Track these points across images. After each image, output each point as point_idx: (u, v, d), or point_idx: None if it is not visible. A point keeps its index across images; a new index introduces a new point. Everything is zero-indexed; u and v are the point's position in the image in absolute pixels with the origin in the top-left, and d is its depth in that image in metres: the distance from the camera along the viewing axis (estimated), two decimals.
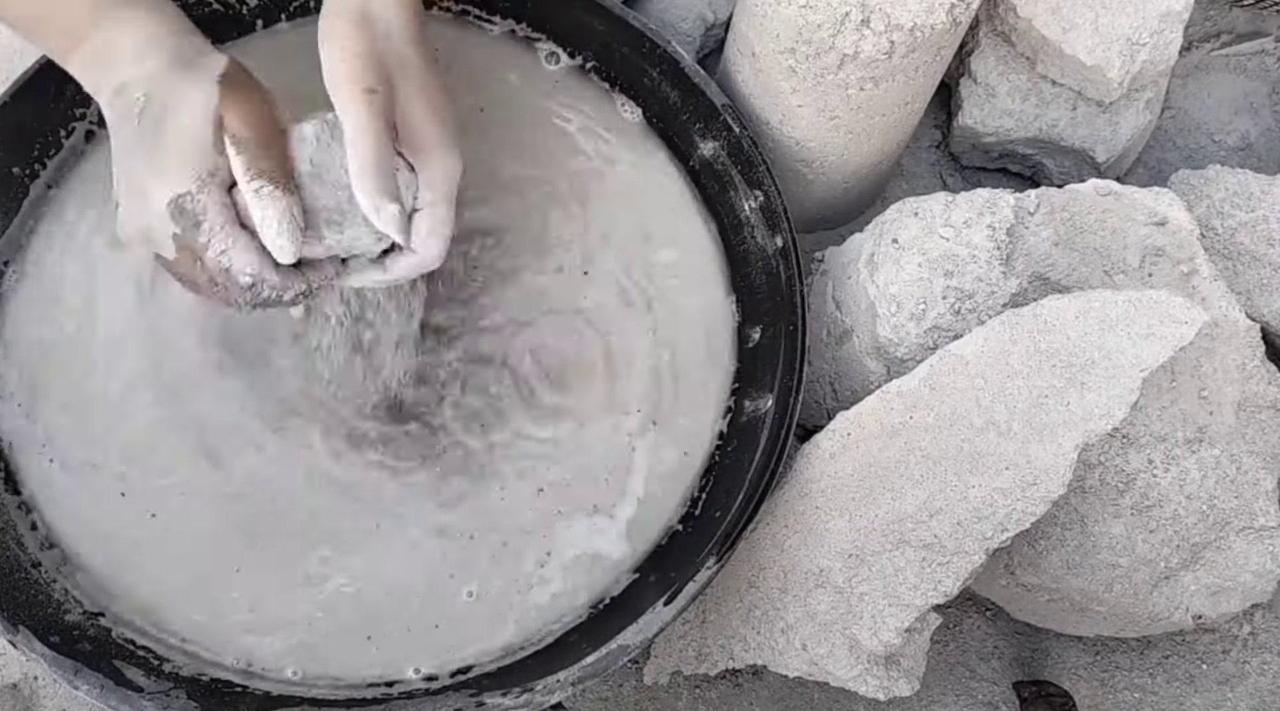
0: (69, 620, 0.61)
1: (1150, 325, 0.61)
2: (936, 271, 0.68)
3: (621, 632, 0.61)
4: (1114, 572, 0.68)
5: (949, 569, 0.62)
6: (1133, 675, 0.80)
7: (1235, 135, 0.94)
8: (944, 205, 0.70)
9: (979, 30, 0.83)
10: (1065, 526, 0.68)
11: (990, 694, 0.79)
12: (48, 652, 0.58)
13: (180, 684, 0.60)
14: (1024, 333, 0.63)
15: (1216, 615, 0.70)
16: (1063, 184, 0.78)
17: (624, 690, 0.78)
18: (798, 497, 0.66)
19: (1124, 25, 0.76)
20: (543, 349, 0.69)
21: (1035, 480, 0.60)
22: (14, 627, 0.58)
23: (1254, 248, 0.76)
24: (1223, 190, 0.78)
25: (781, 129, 0.75)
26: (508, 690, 0.60)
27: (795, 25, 0.66)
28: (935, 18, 0.64)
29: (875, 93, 0.69)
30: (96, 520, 0.64)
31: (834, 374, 0.76)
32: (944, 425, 0.63)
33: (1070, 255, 0.70)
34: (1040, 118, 0.83)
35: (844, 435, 0.66)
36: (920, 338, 0.69)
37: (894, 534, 0.63)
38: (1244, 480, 0.68)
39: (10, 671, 0.76)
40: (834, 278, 0.76)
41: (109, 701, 0.58)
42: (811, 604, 0.65)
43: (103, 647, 0.61)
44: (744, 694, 0.78)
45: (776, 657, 0.67)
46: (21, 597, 0.60)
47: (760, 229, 0.71)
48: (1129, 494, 0.67)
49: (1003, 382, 0.62)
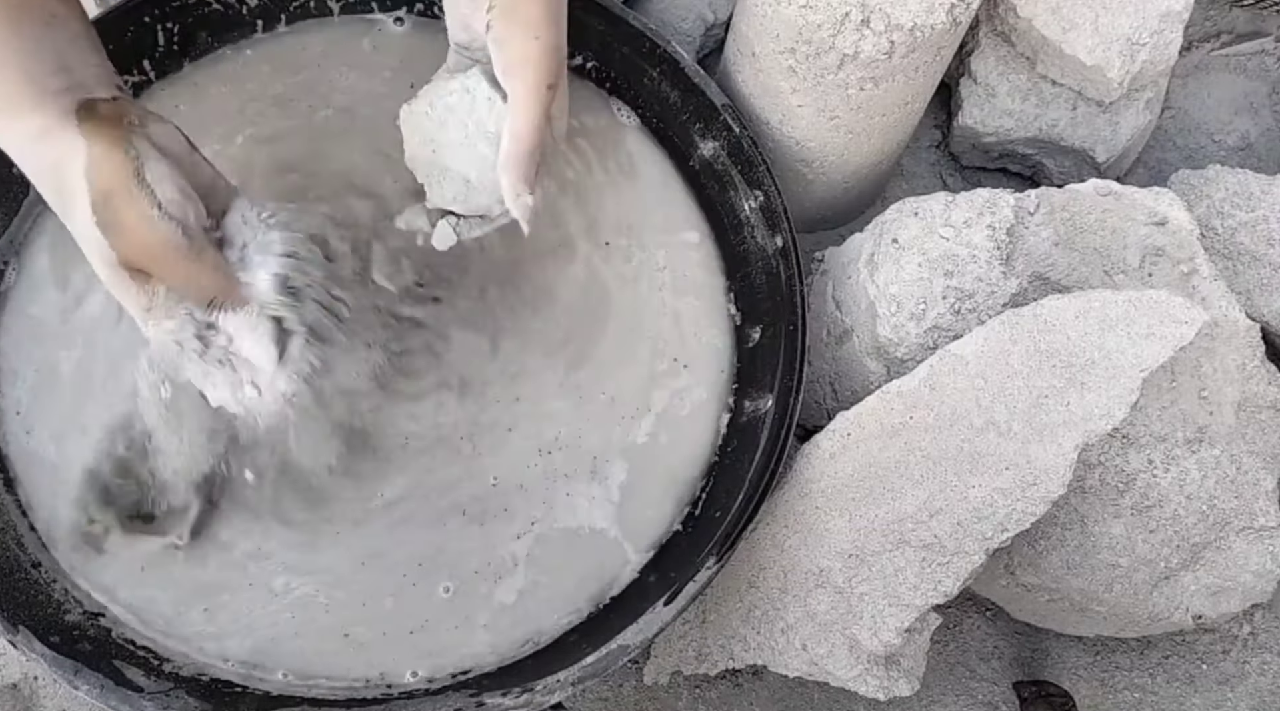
0: (69, 620, 0.61)
1: (1150, 325, 0.61)
2: (936, 271, 0.68)
3: (621, 632, 0.61)
4: (1114, 572, 0.68)
5: (949, 569, 0.62)
6: (1133, 675, 0.80)
7: (1235, 135, 0.94)
8: (944, 205, 0.70)
9: (979, 30, 0.83)
10: (1065, 526, 0.68)
11: (990, 694, 0.79)
12: (48, 652, 0.58)
13: (180, 684, 0.60)
14: (1024, 333, 0.63)
15: (1216, 615, 0.70)
16: (1063, 184, 0.78)
17: (624, 690, 0.78)
18: (798, 497, 0.66)
19: (1124, 25, 0.76)
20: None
21: (1035, 480, 0.60)
22: (14, 627, 0.58)
23: (1254, 248, 0.76)
24: (1223, 190, 0.78)
25: (781, 129, 0.75)
26: (508, 690, 0.60)
27: (795, 25, 0.66)
28: (935, 18, 0.64)
29: (875, 93, 0.69)
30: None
31: (834, 374, 0.76)
32: (944, 425, 0.63)
33: (1070, 255, 0.70)
34: (1040, 118, 0.83)
35: (844, 435, 0.66)
36: (920, 338, 0.69)
37: (894, 534, 0.63)
38: (1244, 480, 0.68)
39: (10, 671, 0.76)
40: (834, 278, 0.76)
41: (109, 701, 0.58)
42: (811, 604, 0.65)
43: (103, 647, 0.61)
44: (744, 694, 0.78)
45: (776, 657, 0.67)
46: (21, 597, 0.60)
47: (760, 229, 0.71)
48: (1129, 494, 0.67)
49: (1003, 382, 0.62)
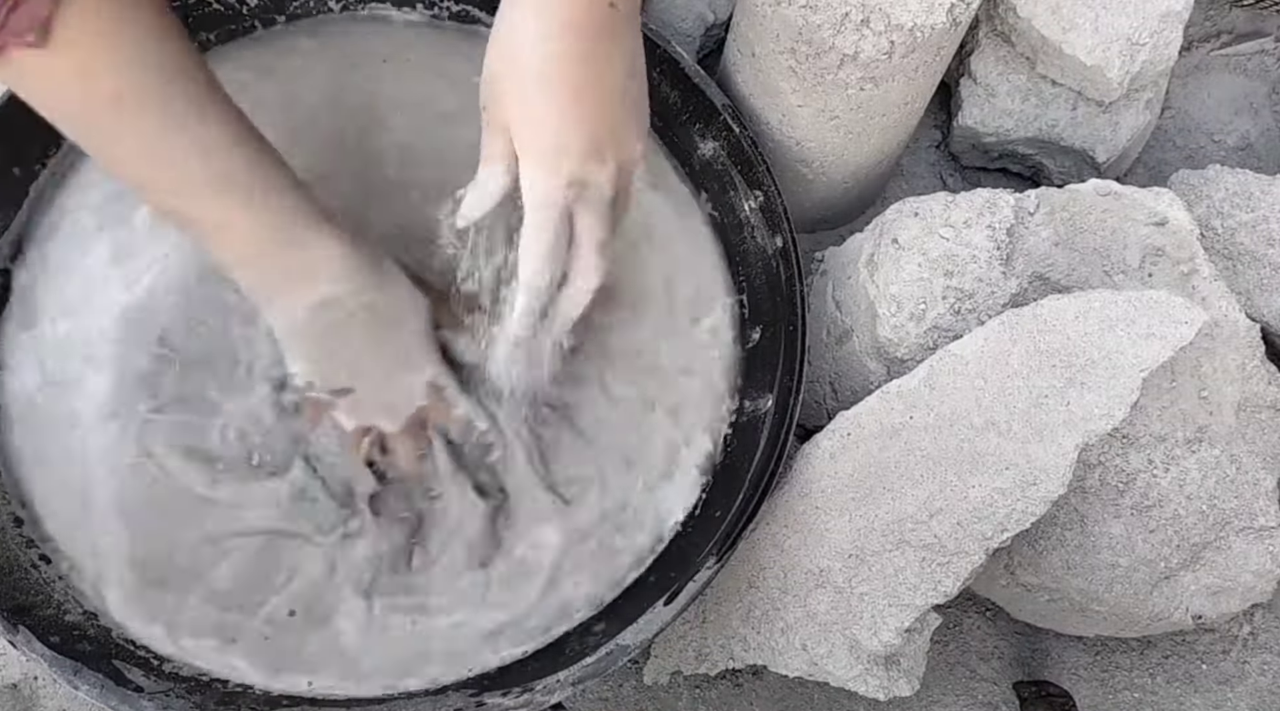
0: (69, 620, 0.61)
1: (1150, 325, 0.61)
2: (936, 271, 0.68)
3: (621, 632, 0.61)
4: (1114, 572, 0.68)
5: (949, 569, 0.62)
6: (1133, 675, 0.80)
7: (1235, 135, 0.94)
8: (944, 205, 0.70)
9: (979, 30, 0.83)
10: (1065, 526, 0.68)
11: (990, 694, 0.79)
12: (48, 652, 0.58)
13: (180, 683, 0.60)
14: (1024, 333, 0.63)
15: (1216, 615, 0.70)
16: (1063, 184, 0.78)
17: (624, 690, 0.78)
18: (798, 497, 0.66)
19: (1124, 25, 0.76)
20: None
21: (1035, 480, 0.60)
22: (14, 627, 0.58)
23: (1254, 248, 0.76)
24: (1223, 190, 0.78)
25: (781, 129, 0.75)
26: (508, 690, 0.60)
27: (795, 25, 0.66)
28: (935, 18, 0.64)
29: (875, 93, 0.69)
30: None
31: (834, 374, 0.76)
32: (944, 425, 0.63)
33: (1070, 255, 0.70)
34: (1040, 118, 0.83)
35: (844, 435, 0.66)
36: (920, 338, 0.69)
37: (894, 534, 0.63)
38: (1244, 480, 0.68)
39: (10, 671, 0.76)
40: (834, 278, 0.76)
41: (109, 701, 0.58)
42: (811, 604, 0.65)
43: (103, 647, 0.61)
44: (744, 694, 0.78)
45: (776, 658, 0.67)
46: (22, 598, 0.60)
47: (760, 229, 0.71)
48: (1129, 494, 0.67)
49: (1003, 383, 0.62)
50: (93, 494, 0.62)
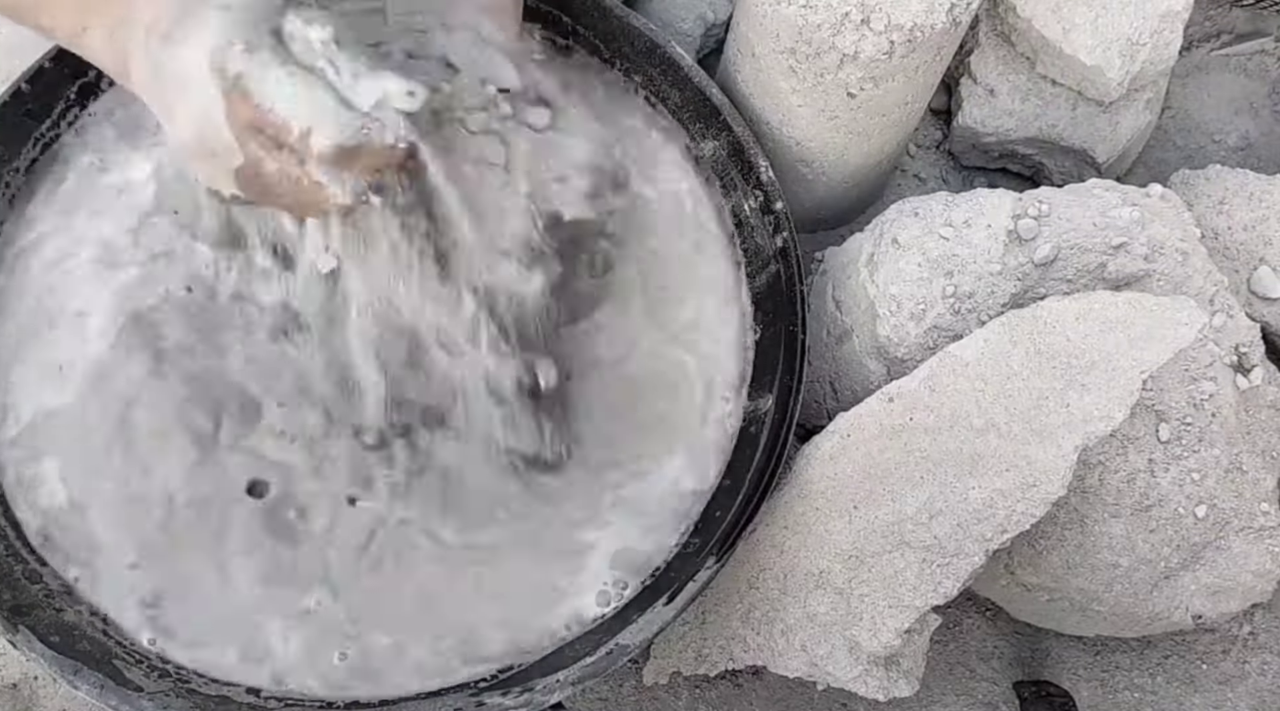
0: (69, 620, 0.61)
1: (1150, 326, 0.61)
2: (936, 271, 0.68)
3: (621, 632, 0.61)
4: (1114, 572, 0.68)
5: (949, 570, 0.62)
6: (1133, 675, 0.80)
7: (1235, 135, 0.94)
8: (944, 205, 0.70)
9: (979, 30, 0.83)
10: (1065, 526, 0.68)
11: (990, 694, 0.80)
12: (48, 652, 0.58)
13: (180, 682, 0.60)
14: (1024, 334, 0.63)
15: (1216, 615, 0.70)
16: (1063, 184, 0.78)
17: (624, 690, 0.78)
18: (797, 498, 0.66)
19: (1124, 25, 0.76)
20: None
21: (1035, 481, 0.60)
22: (14, 627, 0.58)
23: (1254, 248, 0.76)
24: (1223, 190, 0.78)
25: (781, 129, 0.75)
26: (508, 690, 0.60)
27: (795, 25, 0.66)
28: (935, 18, 0.64)
29: (875, 93, 0.69)
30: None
31: (834, 374, 0.76)
32: (944, 426, 0.63)
33: (1070, 255, 0.70)
34: (1040, 118, 0.83)
35: (844, 436, 0.66)
36: (920, 338, 0.69)
37: (894, 535, 0.63)
38: (1244, 480, 0.68)
39: (10, 671, 0.76)
40: (834, 278, 0.76)
41: (109, 701, 0.58)
42: (811, 605, 0.65)
43: (103, 647, 0.61)
44: (744, 694, 0.78)
45: (776, 658, 0.67)
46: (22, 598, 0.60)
47: (760, 229, 0.71)
48: (1129, 494, 0.67)
49: (1003, 384, 0.62)
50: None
